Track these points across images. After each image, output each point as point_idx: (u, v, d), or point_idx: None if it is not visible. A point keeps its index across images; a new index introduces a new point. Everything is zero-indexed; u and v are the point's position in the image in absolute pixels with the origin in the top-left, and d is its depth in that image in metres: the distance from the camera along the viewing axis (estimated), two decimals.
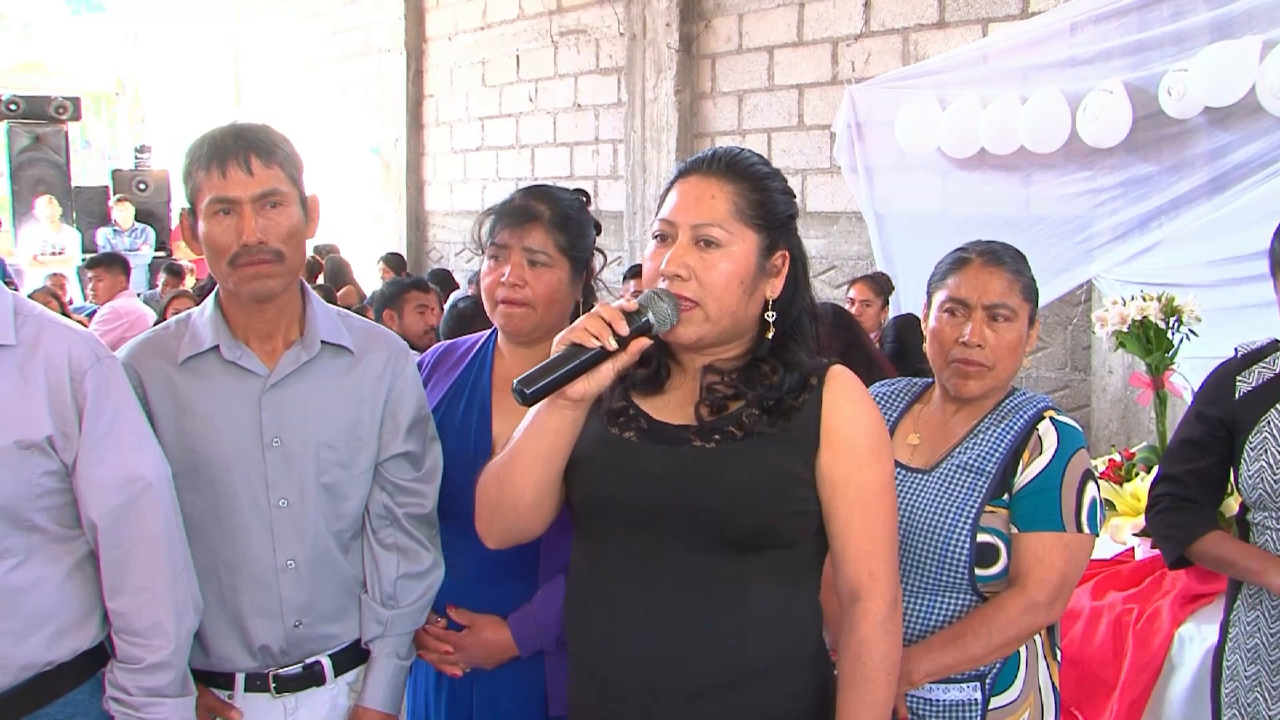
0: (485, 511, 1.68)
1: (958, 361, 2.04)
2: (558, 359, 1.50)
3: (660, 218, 1.63)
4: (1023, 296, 2.08)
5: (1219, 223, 4.45)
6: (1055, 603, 1.97)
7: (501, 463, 1.63)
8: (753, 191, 1.61)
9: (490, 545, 1.71)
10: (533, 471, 1.59)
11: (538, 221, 2.03)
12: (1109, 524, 3.00)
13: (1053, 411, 2.06)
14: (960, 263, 2.11)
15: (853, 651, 1.60)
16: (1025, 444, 2.00)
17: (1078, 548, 1.99)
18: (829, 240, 6.38)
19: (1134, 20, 4.72)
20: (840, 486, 1.59)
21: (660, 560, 1.58)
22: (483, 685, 2.09)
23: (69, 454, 1.72)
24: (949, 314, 2.08)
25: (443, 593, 2.08)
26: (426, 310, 5.12)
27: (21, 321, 1.73)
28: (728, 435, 1.60)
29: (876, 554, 1.61)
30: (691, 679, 1.57)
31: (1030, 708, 2.01)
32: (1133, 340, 3.25)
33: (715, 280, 1.57)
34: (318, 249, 9.33)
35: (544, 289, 2.02)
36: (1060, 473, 1.98)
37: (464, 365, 2.18)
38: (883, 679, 1.60)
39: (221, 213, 1.83)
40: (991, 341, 2.03)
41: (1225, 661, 2.29)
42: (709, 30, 7.13)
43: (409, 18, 10.03)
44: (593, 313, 1.52)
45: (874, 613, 1.60)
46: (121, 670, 1.76)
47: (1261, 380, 2.21)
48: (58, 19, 16.23)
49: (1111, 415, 5.17)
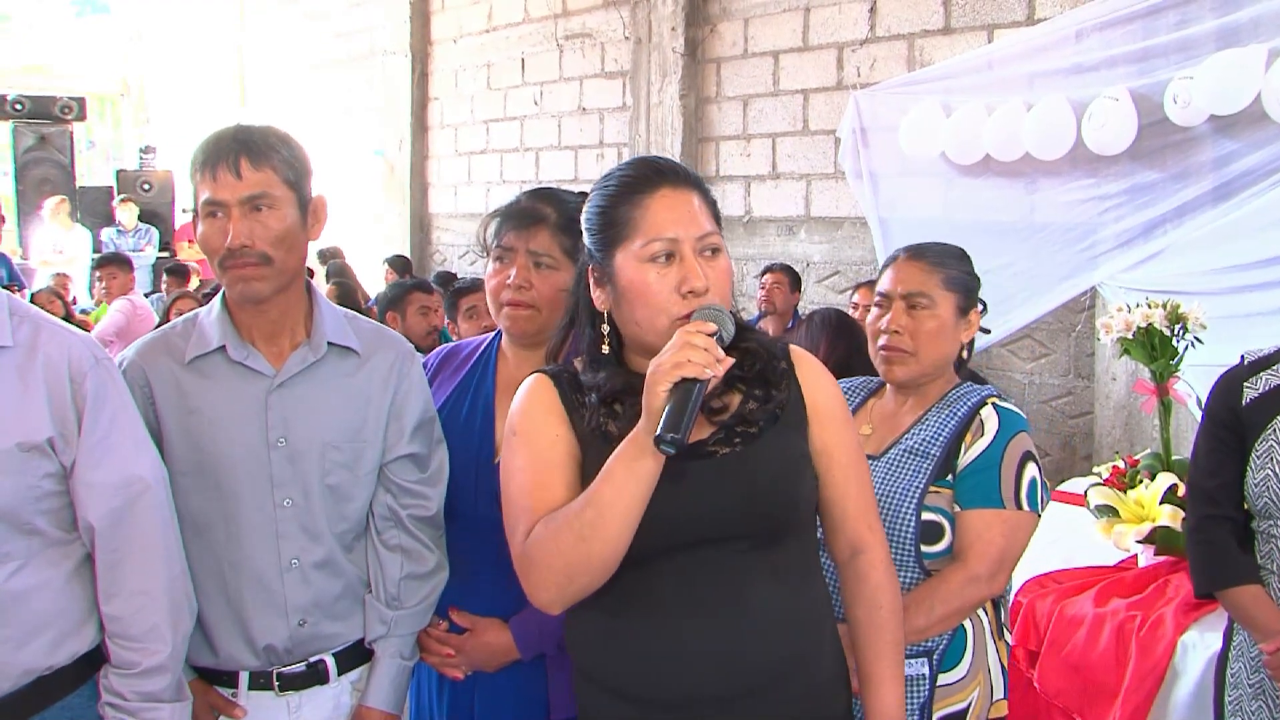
0: (561, 578, 1.54)
1: (883, 349, 2.20)
2: (684, 397, 1.44)
3: (654, 237, 1.58)
4: (944, 287, 2.20)
5: (1224, 230, 4.44)
6: (996, 576, 2.06)
7: (583, 522, 1.51)
8: (707, 195, 1.67)
9: (557, 611, 1.61)
10: (630, 520, 1.50)
11: (543, 224, 2.04)
12: (1112, 530, 3.00)
13: (996, 399, 2.17)
14: (889, 263, 2.28)
15: (867, 599, 1.70)
16: (968, 427, 2.12)
17: (1017, 524, 2.07)
18: (833, 245, 6.39)
19: (1140, 28, 4.72)
20: (834, 454, 1.69)
21: (687, 570, 1.59)
22: (484, 688, 2.09)
23: (68, 456, 1.71)
24: (876, 308, 2.25)
25: (445, 595, 2.08)
26: (429, 312, 5.14)
27: (18, 323, 1.72)
28: (745, 435, 1.63)
29: (869, 509, 1.73)
30: (720, 683, 1.58)
31: (980, 686, 2.08)
32: (1137, 347, 3.25)
33: (724, 285, 1.63)
34: (320, 253, 9.33)
35: (549, 291, 2.02)
36: (1000, 452, 2.08)
37: (468, 368, 2.18)
38: (898, 619, 1.71)
39: (212, 215, 1.86)
40: (910, 328, 2.17)
41: (1228, 669, 2.29)
42: (714, 35, 7.13)
43: (414, 21, 10.03)
44: (688, 344, 1.46)
45: (880, 560, 1.71)
46: (117, 675, 1.75)
47: (1269, 387, 2.21)
48: (63, 20, 16.24)
49: (1115, 422, 5.16)
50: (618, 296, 1.61)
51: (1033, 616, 2.89)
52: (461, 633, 2.07)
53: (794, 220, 6.50)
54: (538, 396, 1.67)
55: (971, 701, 2.06)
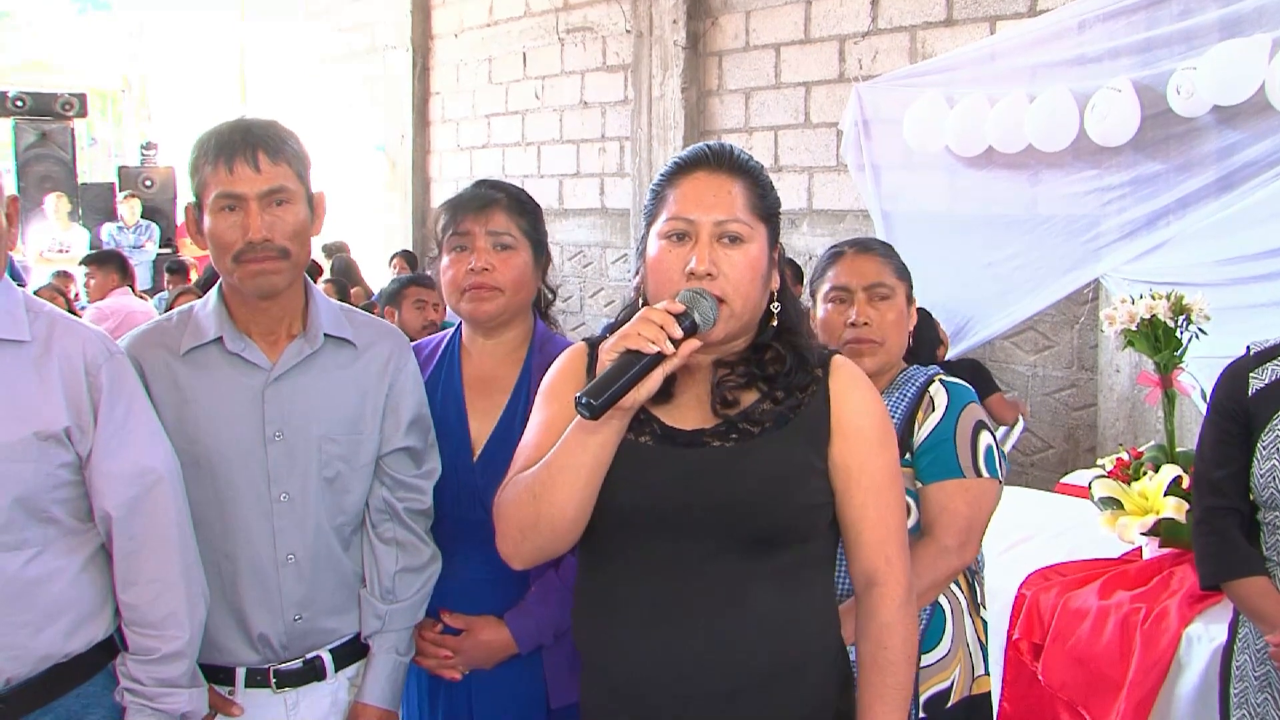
0: (515, 533, 1.60)
1: (850, 342, 2.19)
2: (617, 367, 1.47)
3: (674, 215, 1.60)
4: (896, 276, 2.27)
5: (1227, 221, 4.42)
6: (965, 546, 2.07)
7: (537, 481, 1.57)
8: (756, 185, 1.63)
9: (517, 566, 1.65)
10: (577, 488, 1.54)
11: (498, 205, 2.07)
12: (1116, 522, 2.99)
13: (942, 375, 2.21)
14: (836, 256, 2.30)
15: (873, 637, 1.61)
16: (919, 406, 2.15)
17: (979, 492, 2.10)
18: (836, 239, 6.28)
19: (1143, 18, 4.70)
20: (855, 474, 1.61)
21: (682, 564, 1.57)
22: (481, 685, 2.07)
23: (84, 446, 1.74)
24: (834, 302, 2.25)
25: (436, 596, 2.06)
26: (425, 305, 5.11)
27: (33, 318, 1.76)
28: (744, 433, 1.60)
29: (891, 540, 1.62)
30: (715, 682, 1.56)
31: (960, 664, 2.10)
32: (1141, 339, 3.24)
33: (741, 277, 1.58)
34: (326, 247, 9.33)
35: (512, 272, 2.06)
36: (953, 425, 2.12)
37: (432, 366, 2.17)
38: (905, 663, 1.61)
39: (227, 209, 1.84)
40: (876, 319, 2.21)
41: (1234, 661, 2.28)
42: (716, 27, 7.11)
43: (415, 15, 10.02)
44: (643, 317, 1.49)
45: (892, 597, 1.61)
46: (135, 662, 1.78)
47: (1275, 377, 2.19)
48: (64, 16, 16.27)
49: (1118, 414, 5.15)
50: (645, 270, 1.64)
51: (1037, 609, 2.87)
52: (456, 634, 2.06)
53: (796, 213, 6.48)
54: (567, 363, 1.73)
55: (954, 679, 2.09)
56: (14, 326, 1.73)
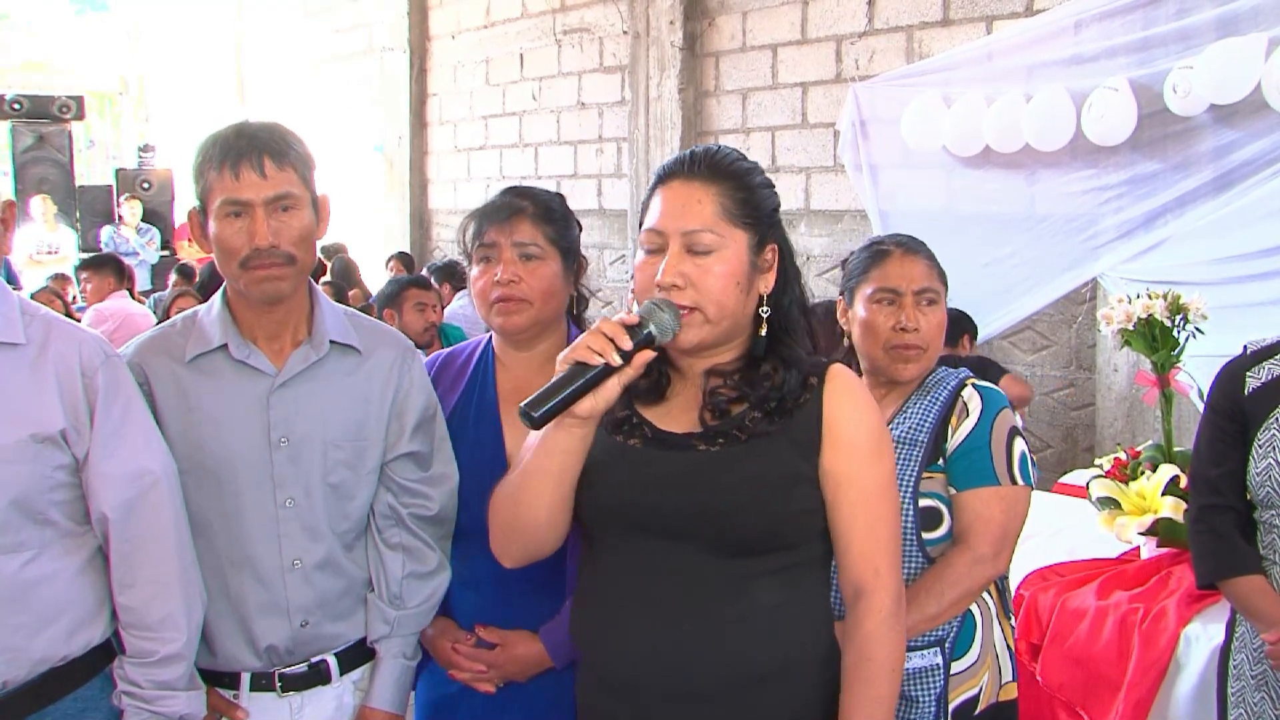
0: (499, 532, 1.67)
1: (897, 347, 2.15)
2: (563, 379, 1.50)
3: (647, 228, 1.61)
4: (940, 280, 2.23)
5: (1224, 220, 4.42)
6: (1000, 554, 2.05)
7: (513, 483, 1.63)
8: (737, 190, 1.61)
9: (507, 564, 1.70)
10: (545, 491, 1.59)
11: (523, 215, 2.03)
12: (1114, 522, 3.00)
13: (974, 379, 2.17)
14: (881, 255, 2.23)
15: (857, 648, 1.60)
16: (952, 410, 2.12)
17: (1014, 499, 2.08)
18: (833, 239, 6.37)
19: (1139, 18, 4.70)
20: (843, 485, 1.60)
21: (668, 565, 1.58)
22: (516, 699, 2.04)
23: (80, 448, 1.75)
24: (880, 303, 2.19)
25: (469, 610, 2.06)
26: (426, 308, 5.12)
27: (29, 321, 1.76)
28: (732, 439, 1.60)
29: (880, 551, 1.61)
30: (699, 682, 1.57)
31: (989, 670, 2.08)
32: (1138, 338, 3.24)
33: (712, 285, 1.57)
34: (324, 249, 9.32)
35: (539, 283, 2.02)
36: (988, 430, 2.09)
37: (467, 377, 2.14)
38: (887, 675, 1.59)
39: (233, 214, 1.83)
40: (923, 325, 2.16)
41: (1231, 661, 2.29)
42: (713, 28, 7.12)
43: (412, 16, 10.01)
44: (594, 329, 1.51)
45: (878, 609, 1.60)
46: (132, 664, 1.78)
47: (1271, 376, 2.20)
48: (62, 18, 16.25)
49: (1116, 414, 5.16)
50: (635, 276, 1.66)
51: (1035, 609, 2.88)
52: (490, 648, 2.03)
53: (794, 214, 6.48)
54: None
55: (982, 686, 2.07)
56: (9, 329, 1.72)
